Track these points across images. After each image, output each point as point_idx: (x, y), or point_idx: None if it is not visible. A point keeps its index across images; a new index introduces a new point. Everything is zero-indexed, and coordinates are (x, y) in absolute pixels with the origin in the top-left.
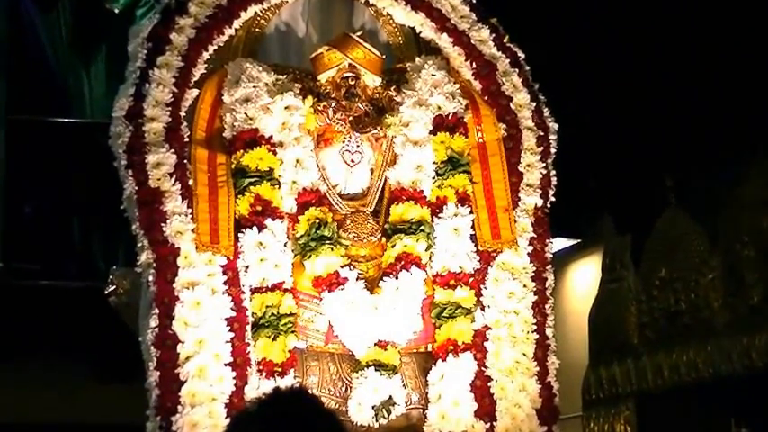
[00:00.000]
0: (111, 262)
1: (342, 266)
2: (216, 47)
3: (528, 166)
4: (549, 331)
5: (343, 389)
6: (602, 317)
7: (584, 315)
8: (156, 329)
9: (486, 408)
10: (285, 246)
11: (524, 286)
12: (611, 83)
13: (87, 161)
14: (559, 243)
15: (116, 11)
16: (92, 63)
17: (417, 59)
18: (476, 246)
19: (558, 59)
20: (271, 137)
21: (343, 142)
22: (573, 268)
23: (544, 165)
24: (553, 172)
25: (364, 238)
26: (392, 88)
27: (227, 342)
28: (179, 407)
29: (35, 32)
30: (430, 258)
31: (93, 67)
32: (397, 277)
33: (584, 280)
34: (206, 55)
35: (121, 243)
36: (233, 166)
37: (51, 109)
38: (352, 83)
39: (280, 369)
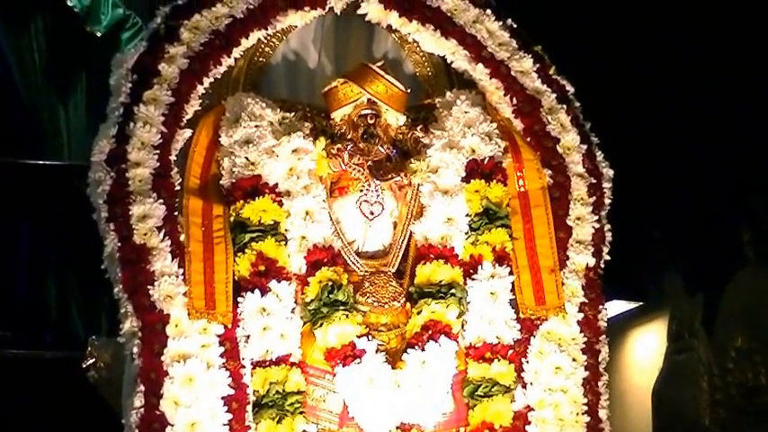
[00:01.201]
0: (92, 330)
1: (359, 336)
2: (212, 79)
3: (578, 218)
4: (602, 413)
5: None
6: (668, 393)
7: (646, 392)
8: (142, 410)
9: None
10: (292, 312)
11: (573, 360)
12: (676, 117)
13: (64, 211)
14: (616, 307)
15: (98, 34)
16: (70, 95)
17: (448, 94)
18: (516, 312)
19: (612, 92)
20: (276, 185)
21: (361, 191)
22: (633, 336)
23: (597, 217)
24: (608, 225)
25: (385, 303)
26: (418, 128)
27: (225, 425)
28: None
29: (2, 58)
30: (462, 327)
31: (71, 101)
32: (423, 349)
33: (646, 350)
34: (200, 89)
35: (104, 308)
36: (232, 218)
37: (22, 149)
38: (372, 121)
39: None
